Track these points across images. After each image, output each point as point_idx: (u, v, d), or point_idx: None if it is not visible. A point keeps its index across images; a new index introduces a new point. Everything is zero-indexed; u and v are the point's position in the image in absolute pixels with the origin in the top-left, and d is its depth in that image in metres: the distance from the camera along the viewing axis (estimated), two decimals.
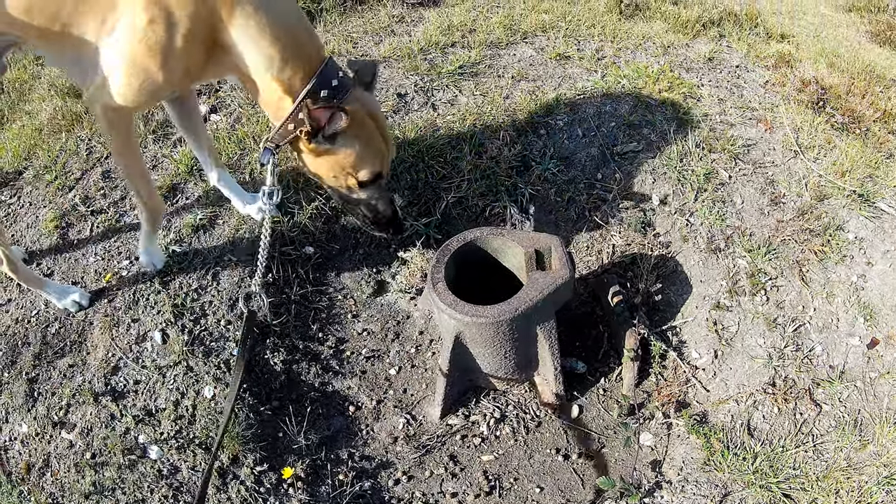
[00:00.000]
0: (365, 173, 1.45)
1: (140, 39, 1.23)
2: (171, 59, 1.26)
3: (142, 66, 1.26)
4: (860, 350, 1.64)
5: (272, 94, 1.35)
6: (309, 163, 1.46)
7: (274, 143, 1.41)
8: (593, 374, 1.77)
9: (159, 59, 1.25)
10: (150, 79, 1.28)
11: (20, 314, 1.75)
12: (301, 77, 1.33)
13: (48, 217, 1.95)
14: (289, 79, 1.32)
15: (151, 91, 1.32)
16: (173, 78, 1.30)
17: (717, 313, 1.75)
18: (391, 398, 1.72)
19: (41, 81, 2.50)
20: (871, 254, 1.79)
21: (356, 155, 1.42)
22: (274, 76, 1.32)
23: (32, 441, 1.53)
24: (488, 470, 1.58)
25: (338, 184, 1.49)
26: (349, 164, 1.43)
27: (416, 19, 2.70)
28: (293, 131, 1.36)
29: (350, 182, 1.47)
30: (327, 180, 1.49)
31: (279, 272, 1.83)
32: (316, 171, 1.47)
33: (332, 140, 1.37)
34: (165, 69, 1.27)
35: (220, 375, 1.61)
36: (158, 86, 1.30)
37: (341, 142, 1.39)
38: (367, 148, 1.42)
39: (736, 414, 1.58)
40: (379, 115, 1.46)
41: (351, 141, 1.39)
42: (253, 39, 1.27)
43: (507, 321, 1.43)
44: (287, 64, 1.31)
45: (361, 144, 1.41)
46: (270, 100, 1.36)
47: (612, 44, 2.53)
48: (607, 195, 1.99)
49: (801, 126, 2.13)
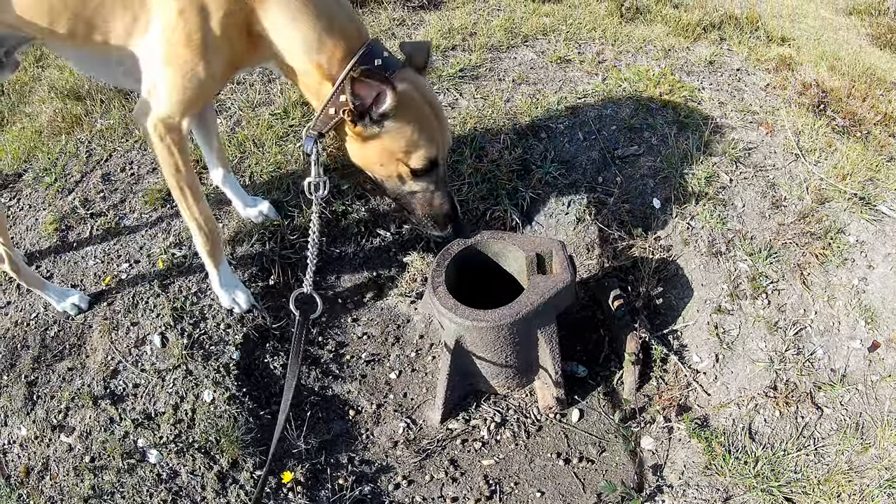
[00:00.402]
0: (418, 160, 1.32)
1: (174, 31, 1.17)
2: (210, 49, 1.20)
3: (181, 60, 1.20)
4: (861, 353, 1.64)
5: (311, 79, 1.27)
6: (355, 151, 1.34)
7: (317, 130, 1.30)
8: (594, 377, 1.76)
9: (198, 50, 1.19)
10: (191, 73, 1.21)
11: (19, 317, 1.75)
12: (340, 59, 1.25)
13: (48, 219, 1.94)
14: (328, 61, 1.24)
15: (197, 88, 1.24)
16: (215, 69, 1.23)
17: (719, 317, 1.74)
18: (391, 402, 1.72)
19: (41, 83, 2.50)
20: (872, 257, 1.79)
21: (407, 139, 1.29)
22: (312, 60, 1.24)
23: (31, 444, 1.52)
24: (489, 474, 1.58)
25: (387, 173, 1.35)
26: (399, 150, 1.30)
27: (417, 22, 2.70)
28: (335, 116, 1.26)
29: (402, 170, 1.34)
30: (376, 170, 1.36)
31: (279, 276, 1.83)
32: (363, 159, 1.35)
33: (380, 122, 1.26)
34: (206, 60, 1.21)
35: (219, 379, 1.61)
36: (202, 80, 1.23)
37: (390, 124, 1.26)
38: (419, 131, 1.29)
39: (737, 418, 1.57)
40: (433, 97, 1.34)
41: (401, 123, 1.27)
42: (286, 23, 1.21)
43: (508, 325, 1.42)
44: (325, 46, 1.23)
45: (413, 127, 1.28)
46: (310, 85, 1.29)
47: (613, 47, 2.53)
48: (608, 199, 1.99)
49: (802, 129, 2.13)
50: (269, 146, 2.08)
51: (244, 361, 1.67)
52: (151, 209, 1.95)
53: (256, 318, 1.73)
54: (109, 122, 2.25)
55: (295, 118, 2.19)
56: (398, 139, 1.29)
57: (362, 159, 1.35)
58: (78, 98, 2.37)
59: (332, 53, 1.25)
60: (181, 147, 1.35)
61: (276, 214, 1.90)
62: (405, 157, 1.32)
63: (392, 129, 1.27)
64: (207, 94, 1.33)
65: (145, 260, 1.82)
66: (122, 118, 2.26)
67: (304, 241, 1.91)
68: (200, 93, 1.28)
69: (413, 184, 1.38)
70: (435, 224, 1.47)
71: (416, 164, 1.33)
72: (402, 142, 1.29)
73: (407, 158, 1.32)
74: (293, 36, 1.23)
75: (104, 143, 2.18)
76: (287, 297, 1.82)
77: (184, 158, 1.37)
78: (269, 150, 2.08)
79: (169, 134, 1.31)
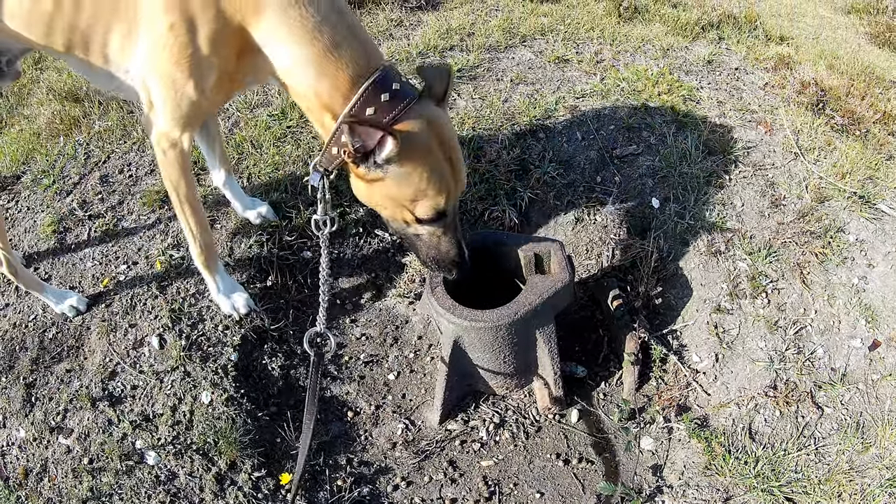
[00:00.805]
0: (424, 209, 1.21)
1: (164, 48, 1.11)
2: (200, 66, 1.13)
3: (171, 78, 1.14)
4: (862, 352, 1.63)
5: (312, 107, 1.17)
6: (359, 189, 1.24)
7: (322, 166, 1.22)
8: (593, 378, 1.76)
9: (188, 68, 1.13)
10: (182, 91, 1.15)
11: (17, 318, 1.75)
12: (345, 89, 1.12)
13: (46, 221, 1.94)
14: (329, 91, 1.12)
15: (190, 106, 1.19)
16: (207, 87, 1.16)
17: (718, 316, 1.74)
18: (390, 403, 1.71)
19: (39, 85, 2.51)
20: (871, 255, 1.78)
21: (413, 187, 1.17)
22: (311, 87, 1.13)
23: (30, 446, 1.52)
24: (488, 475, 1.57)
25: (392, 216, 1.26)
26: (404, 198, 1.19)
27: (415, 23, 2.70)
28: (338, 155, 1.15)
29: (406, 217, 1.24)
30: (380, 211, 1.28)
31: (277, 277, 1.83)
32: (366, 199, 1.26)
33: (383, 167, 1.14)
34: (195, 79, 1.14)
35: (217, 381, 1.61)
36: (193, 99, 1.17)
37: (395, 169, 1.14)
38: (427, 180, 1.16)
39: (737, 417, 1.57)
40: (449, 136, 1.20)
41: (407, 169, 1.14)
42: (282, 41, 1.10)
43: (506, 325, 1.42)
44: (326, 72, 1.10)
45: (420, 175, 1.16)
46: (312, 112, 1.19)
47: (611, 47, 2.53)
48: (607, 198, 1.98)
49: (801, 128, 2.13)
50: (267, 147, 2.08)
51: (242, 363, 1.66)
52: (149, 211, 1.95)
53: (255, 319, 1.72)
54: (107, 124, 2.25)
55: (293, 119, 2.19)
56: (403, 187, 1.17)
57: (366, 199, 1.26)
58: (76, 100, 2.37)
59: (334, 82, 1.12)
60: (183, 162, 1.32)
61: (274, 216, 1.90)
62: (410, 206, 1.21)
63: (397, 175, 1.15)
64: (204, 110, 1.28)
65: (143, 261, 1.82)
66: (119, 120, 2.26)
67: (302, 241, 1.91)
68: (196, 110, 1.22)
69: (419, 228, 1.27)
70: (438, 267, 1.36)
71: (422, 213, 1.22)
72: (408, 190, 1.17)
73: (412, 207, 1.21)
74: (290, 57, 1.12)
75: (102, 145, 2.18)
76: (286, 300, 1.82)
77: (185, 173, 1.35)
78: (266, 150, 2.08)
79: (171, 149, 1.29)
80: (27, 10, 1.18)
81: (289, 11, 1.09)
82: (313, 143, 2.09)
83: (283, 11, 1.09)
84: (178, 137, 1.27)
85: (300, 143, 2.10)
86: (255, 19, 1.11)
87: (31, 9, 1.18)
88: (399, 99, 1.13)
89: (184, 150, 1.30)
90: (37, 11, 1.17)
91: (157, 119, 1.25)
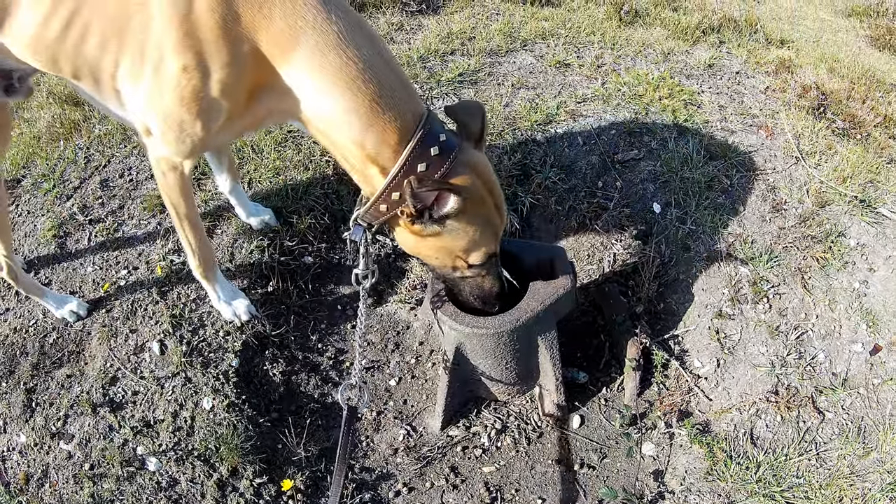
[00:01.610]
0: (477, 257, 1.20)
1: (172, 88, 1.04)
2: (210, 109, 1.07)
3: (176, 118, 1.09)
4: (863, 357, 1.63)
5: (353, 158, 1.08)
6: (406, 242, 1.20)
7: (366, 221, 1.16)
8: (594, 383, 1.76)
9: (196, 111, 1.07)
10: (185, 131, 1.11)
11: (18, 323, 1.75)
12: (392, 142, 1.04)
13: (46, 226, 1.94)
14: (376, 145, 1.04)
15: (192, 143, 1.15)
16: (212, 127, 1.11)
17: (720, 321, 1.74)
18: (391, 409, 1.71)
19: (39, 89, 2.50)
20: (872, 260, 1.78)
21: (469, 238, 1.15)
22: (354, 139, 1.04)
23: (31, 451, 1.52)
24: (489, 481, 1.57)
25: (442, 265, 1.24)
26: (459, 249, 1.17)
27: (416, 27, 2.70)
28: (388, 212, 1.10)
29: (458, 264, 1.22)
30: (428, 261, 1.25)
31: (278, 283, 1.82)
32: (415, 251, 1.22)
33: (441, 222, 1.11)
34: (203, 120, 1.09)
35: (218, 386, 1.60)
36: (199, 137, 1.13)
37: (452, 225, 1.12)
38: (482, 230, 1.15)
39: (739, 423, 1.57)
40: (494, 181, 1.18)
41: (463, 223, 1.12)
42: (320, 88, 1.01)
43: (509, 332, 1.42)
44: (373, 125, 1.02)
45: (475, 227, 1.14)
46: (353, 165, 1.11)
47: (612, 51, 2.53)
48: (608, 203, 1.98)
49: (802, 132, 2.13)
50: (268, 152, 2.08)
51: (243, 369, 1.66)
52: (150, 215, 1.94)
53: (256, 325, 1.72)
54: (108, 128, 2.25)
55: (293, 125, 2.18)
56: (459, 240, 1.15)
57: (414, 251, 1.22)
58: (76, 104, 2.37)
59: (382, 136, 1.03)
60: (183, 185, 1.30)
61: (275, 221, 1.89)
62: (465, 255, 1.19)
63: (454, 229, 1.13)
64: (207, 146, 1.24)
65: (144, 266, 1.82)
66: (119, 124, 2.25)
67: (303, 247, 1.91)
68: (200, 147, 1.18)
69: (467, 272, 1.26)
70: (483, 303, 1.36)
71: (475, 260, 1.21)
72: (464, 242, 1.16)
73: (466, 256, 1.20)
74: (329, 105, 1.02)
75: (102, 149, 2.17)
76: (287, 305, 1.82)
77: (185, 194, 1.33)
78: (267, 155, 2.07)
79: (171, 172, 1.25)
80: (33, 37, 1.14)
81: (327, 55, 0.99)
82: (314, 147, 2.08)
83: (320, 54, 1.00)
84: (179, 163, 1.24)
85: (301, 148, 2.10)
86: (285, 61, 1.01)
87: (37, 35, 1.13)
88: (448, 151, 1.07)
89: (184, 173, 1.27)
90: (42, 39, 1.13)
91: (156, 145, 1.21)
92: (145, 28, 1.05)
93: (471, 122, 1.16)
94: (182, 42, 1.01)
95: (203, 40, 1.01)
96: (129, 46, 1.08)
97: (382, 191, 1.08)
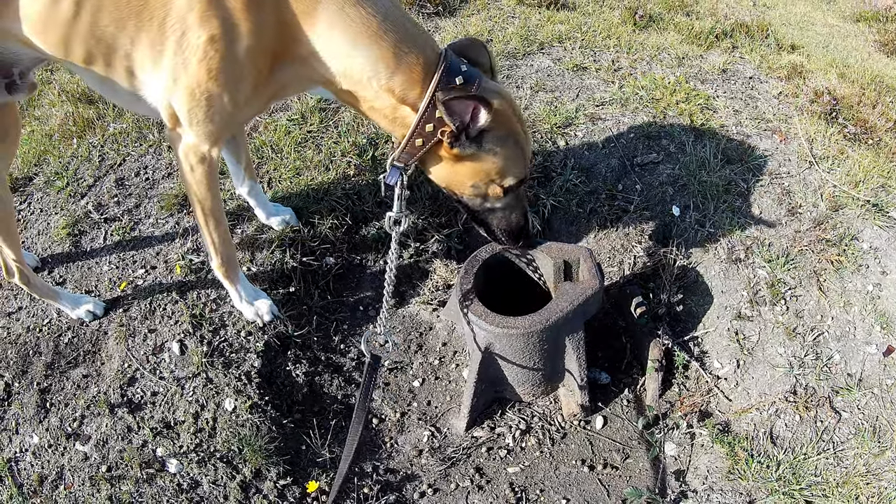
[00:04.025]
0: (511, 179, 1.23)
1: (199, 60, 1.04)
2: (237, 78, 1.07)
3: (204, 91, 1.08)
4: (877, 358, 1.65)
5: (383, 104, 1.12)
6: (443, 173, 1.22)
7: (402, 162, 1.19)
8: (617, 384, 1.76)
9: (224, 81, 1.07)
10: (215, 105, 1.10)
11: (31, 322, 1.71)
12: (419, 79, 1.09)
13: (60, 224, 1.91)
14: (403, 84, 1.09)
15: (221, 120, 1.14)
16: (240, 99, 1.12)
17: (739, 323, 1.75)
18: (415, 410, 1.70)
19: (51, 86, 2.46)
20: (885, 263, 1.81)
21: (505, 157, 1.18)
22: (382, 84, 1.09)
23: (45, 453, 1.49)
24: (514, 482, 1.57)
25: (476, 193, 1.26)
26: (495, 170, 1.20)
27: (432, 29, 2.70)
28: (423, 146, 1.14)
29: (491, 191, 1.24)
30: (464, 191, 1.26)
31: (300, 283, 1.81)
32: (451, 180, 1.23)
33: (479, 142, 1.15)
34: (230, 91, 1.09)
35: (240, 387, 1.59)
36: (227, 112, 1.13)
37: (489, 144, 1.16)
38: (515, 149, 1.20)
39: (758, 422, 1.58)
40: (517, 105, 1.23)
41: (499, 142, 1.16)
42: (346, 43, 1.05)
43: (538, 332, 1.42)
44: (399, 67, 1.07)
45: (509, 147, 1.18)
46: (382, 111, 1.14)
47: (628, 55, 2.55)
48: (628, 206, 1.99)
49: (815, 137, 2.16)
50: (288, 152, 2.07)
51: (266, 369, 1.65)
52: (167, 214, 1.92)
53: (278, 326, 1.71)
54: (122, 126, 2.22)
55: (313, 124, 2.17)
56: (496, 159, 1.19)
57: (450, 180, 1.24)
58: (90, 102, 2.34)
59: (409, 75, 1.09)
60: (211, 177, 1.29)
61: (296, 221, 1.88)
62: (499, 178, 1.22)
63: (489, 150, 1.17)
64: (236, 123, 1.23)
65: (162, 266, 1.80)
66: (135, 122, 2.23)
67: (325, 247, 1.89)
68: (228, 123, 1.19)
69: (496, 202, 1.29)
70: (508, 237, 1.39)
71: (510, 182, 1.24)
72: (499, 163, 1.19)
73: (501, 178, 1.23)
74: (357, 58, 1.07)
75: (117, 147, 2.14)
76: (308, 306, 1.81)
77: (213, 188, 1.32)
78: (287, 155, 2.06)
79: (200, 164, 1.24)
80: (43, 14, 1.08)
81: (348, 11, 1.04)
82: (334, 147, 2.07)
83: (342, 12, 1.04)
84: (206, 151, 1.23)
85: (321, 149, 2.09)
86: (309, 22, 1.05)
87: (47, 12, 1.08)
88: (472, 79, 1.12)
89: (213, 164, 1.27)
90: (54, 16, 1.08)
91: (184, 134, 1.20)
92: (165, 2, 1.04)
93: (479, 58, 1.21)
94: (208, 12, 1.02)
95: (230, 8, 1.02)
96: (147, 22, 1.06)
97: (417, 123, 1.12)
